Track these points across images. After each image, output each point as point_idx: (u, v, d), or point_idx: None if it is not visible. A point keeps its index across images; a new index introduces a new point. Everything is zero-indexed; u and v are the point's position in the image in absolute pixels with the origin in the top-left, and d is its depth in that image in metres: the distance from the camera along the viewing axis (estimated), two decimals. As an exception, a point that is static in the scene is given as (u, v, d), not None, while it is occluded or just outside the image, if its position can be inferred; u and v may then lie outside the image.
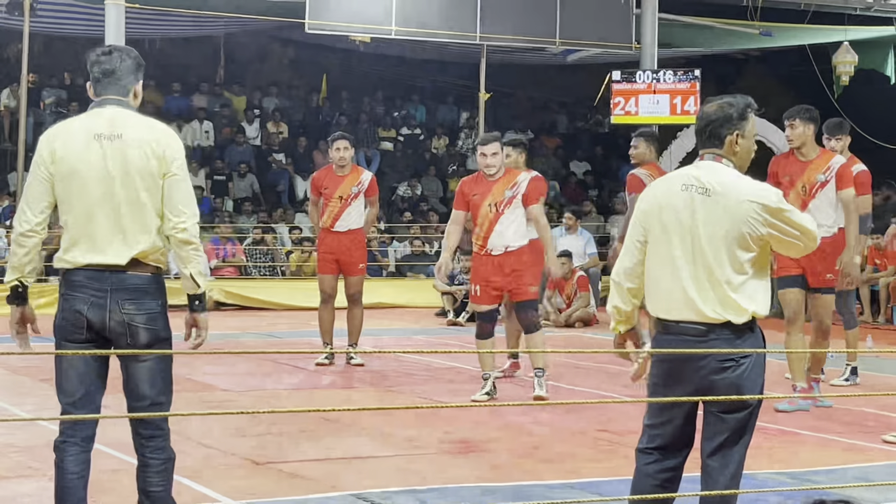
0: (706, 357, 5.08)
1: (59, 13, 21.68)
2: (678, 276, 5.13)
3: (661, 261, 5.20)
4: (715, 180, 5.13)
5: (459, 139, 27.80)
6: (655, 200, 5.26)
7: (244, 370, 12.16)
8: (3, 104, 24.50)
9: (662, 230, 5.19)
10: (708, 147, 5.26)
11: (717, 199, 5.09)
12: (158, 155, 5.27)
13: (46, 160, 5.32)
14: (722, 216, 5.07)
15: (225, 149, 25.03)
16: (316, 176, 12.86)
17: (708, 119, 5.26)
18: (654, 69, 22.26)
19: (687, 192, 5.15)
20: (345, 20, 20.52)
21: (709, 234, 5.08)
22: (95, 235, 5.26)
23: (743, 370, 5.12)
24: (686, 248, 5.12)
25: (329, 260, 12.52)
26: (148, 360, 5.33)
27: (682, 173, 5.27)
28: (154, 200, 5.29)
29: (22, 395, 10.06)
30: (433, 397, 10.60)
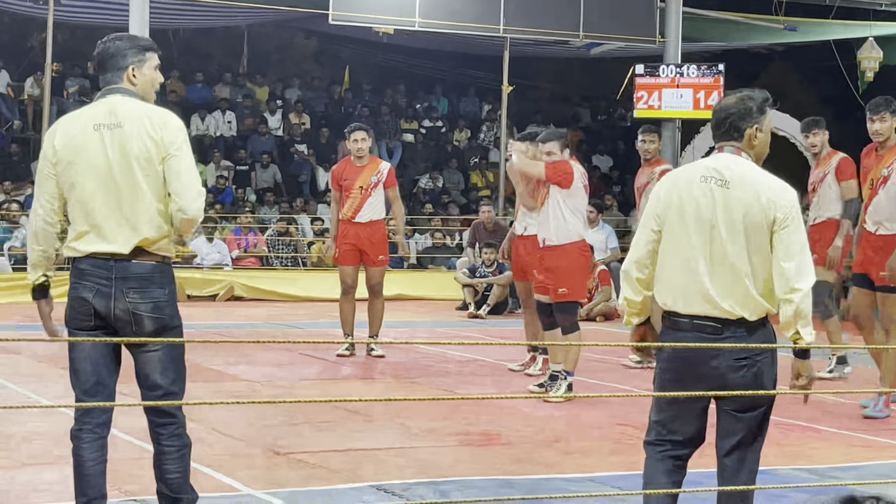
0: (721, 354, 5.02)
1: (84, 2, 21.75)
2: (695, 270, 5.06)
3: (676, 253, 5.13)
4: (735, 173, 5.09)
5: (481, 132, 27.78)
6: (674, 192, 5.19)
7: (266, 360, 12.18)
8: (27, 93, 24.58)
9: (680, 222, 5.12)
10: (726, 140, 5.22)
11: (737, 191, 5.04)
12: (156, 139, 5.25)
13: (49, 154, 5.36)
14: (741, 209, 5.01)
15: (247, 139, 25.07)
16: (335, 169, 12.90)
17: (728, 112, 5.22)
18: (678, 63, 22.20)
19: (706, 184, 5.09)
20: (368, 12, 20.51)
21: (728, 226, 5.02)
22: (99, 225, 5.27)
23: (759, 368, 5.08)
24: (704, 240, 5.06)
25: (350, 251, 12.51)
26: (157, 350, 5.32)
27: (701, 165, 5.22)
28: (155, 187, 5.27)
29: (45, 382, 10.11)
30: (454, 389, 10.59)
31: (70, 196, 5.33)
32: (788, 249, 4.97)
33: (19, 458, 7.45)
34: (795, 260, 4.96)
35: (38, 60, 24.36)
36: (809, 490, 6.93)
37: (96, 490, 5.39)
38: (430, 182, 25.57)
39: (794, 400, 10.03)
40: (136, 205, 5.26)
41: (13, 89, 24.91)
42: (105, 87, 5.44)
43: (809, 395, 5.37)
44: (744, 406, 5.12)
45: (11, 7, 23.19)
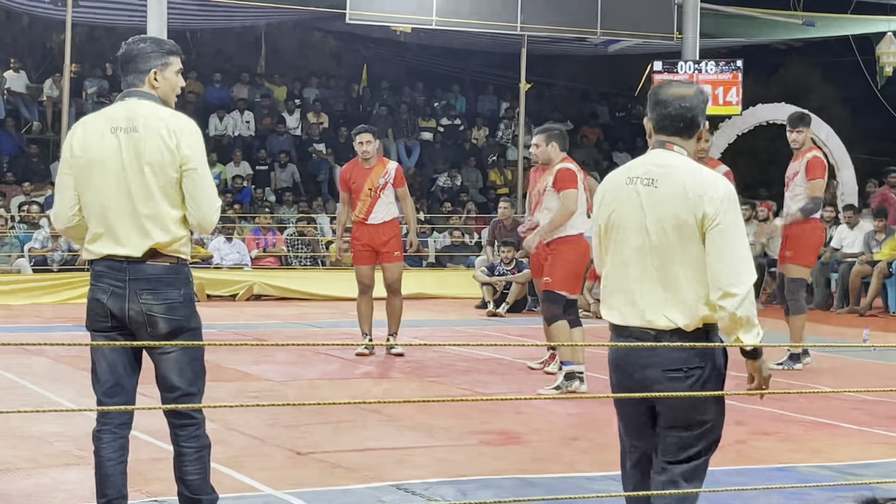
0: (652, 365, 4.62)
1: (102, 3, 21.82)
2: (626, 278, 4.68)
3: (612, 263, 4.76)
4: (664, 169, 4.67)
5: (499, 130, 27.78)
6: (605, 199, 4.82)
7: (285, 360, 12.20)
8: (46, 94, 24.66)
9: (611, 230, 4.75)
10: (676, 135, 4.77)
11: (664, 188, 4.61)
12: (171, 147, 5.25)
13: (66, 155, 5.40)
14: (669, 208, 4.58)
15: (266, 139, 25.11)
16: (343, 171, 13.02)
17: (689, 106, 4.75)
18: (696, 60, 22.17)
19: (632, 186, 4.70)
20: (385, 10, 20.55)
21: (657, 229, 4.59)
22: (113, 227, 5.29)
23: (693, 382, 4.61)
24: (635, 247, 4.65)
25: (365, 251, 12.58)
26: (174, 352, 5.33)
27: (628, 166, 4.84)
28: (169, 192, 5.28)
29: (65, 384, 10.14)
30: (473, 388, 10.60)
31: (85, 198, 5.35)
32: (721, 251, 4.51)
33: (41, 459, 7.47)
34: (728, 261, 4.51)
35: (56, 62, 24.46)
36: (829, 489, 6.91)
37: (117, 490, 5.41)
38: (449, 180, 25.58)
39: (816, 397, 10.04)
40: (148, 209, 5.27)
41: (32, 90, 24.99)
42: (126, 90, 5.45)
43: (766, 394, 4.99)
44: (674, 422, 4.68)
45: (30, 8, 23.28)
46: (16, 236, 18.95)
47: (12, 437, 8.04)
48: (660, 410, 4.68)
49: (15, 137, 23.64)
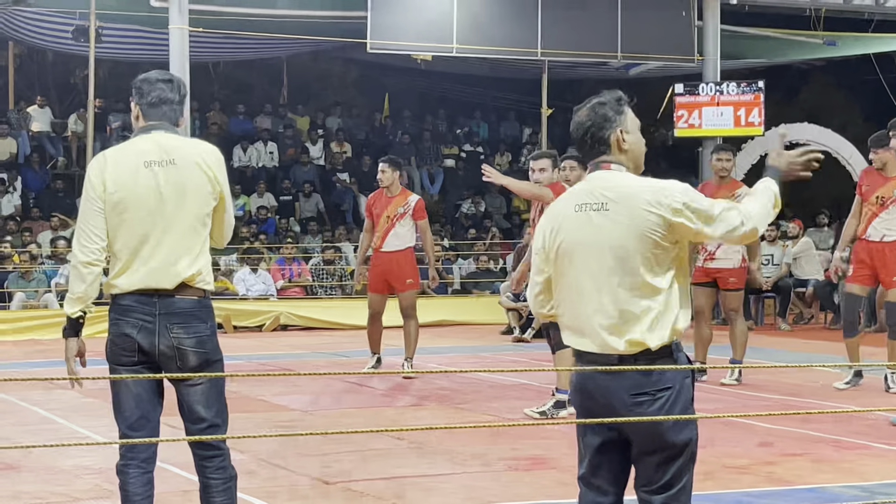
0: (617, 391, 4.46)
1: (124, 39, 21.96)
2: (585, 306, 4.51)
3: (567, 290, 4.59)
4: (610, 191, 4.50)
5: (522, 155, 27.80)
6: (553, 228, 4.63)
7: (313, 390, 12.22)
8: (71, 129, 24.82)
9: (565, 259, 4.57)
10: (595, 156, 4.61)
11: (616, 210, 4.45)
12: (210, 176, 5.32)
13: (98, 189, 5.35)
14: (625, 228, 4.42)
15: (289, 169, 25.20)
16: (369, 199, 13.48)
17: (583, 126, 4.62)
18: (718, 81, 22.17)
19: (583, 213, 4.52)
20: (406, 39, 20.63)
21: (616, 252, 4.44)
22: (147, 261, 5.30)
23: (661, 405, 4.44)
24: (592, 273, 4.49)
25: (378, 279, 13.05)
26: (201, 384, 5.35)
27: (574, 192, 4.65)
28: (205, 222, 5.34)
29: (94, 417, 10.17)
30: (500, 415, 10.58)
31: (117, 232, 5.35)
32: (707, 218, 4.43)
33: (72, 493, 7.50)
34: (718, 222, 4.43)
35: (80, 97, 24.64)
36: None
37: (144, 523, 5.42)
38: (473, 207, 25.61)
39: (846, 417, 9.98)
40: (186, 242, 5.30)
41: (56, 126, 25.16)
42: (148, 123, 5.47)
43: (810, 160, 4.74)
44: (648, 447, 4.52)
45: (54, 45, 23.45)
46: (43, 272, 19.05)
47: (43, 472, 8.07)
48: (631, 437, 4.53)
49: (41, 173, 23.79)
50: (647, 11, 21.77)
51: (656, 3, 21.97)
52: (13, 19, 21.85)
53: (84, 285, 5.37)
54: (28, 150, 24.06)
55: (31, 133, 24.62)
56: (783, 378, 12.65)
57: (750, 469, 8.11)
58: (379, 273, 12.97)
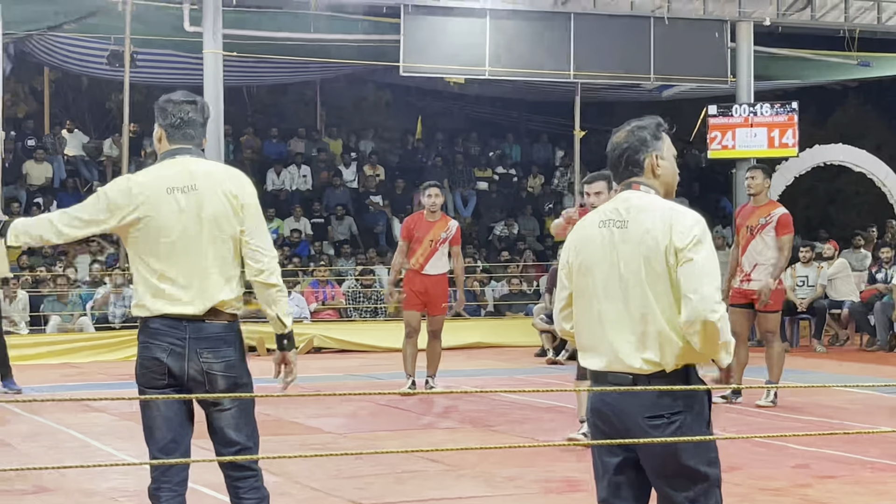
0: (630, 413, 4.46)
1: (159, 64, 22.12)
2: (603, 323, 4.55)
3: (585, 307, 4.63)
4: (633, 209, 4.57)
5: (555, 177, 27.81)
6: (576, 244, 4.72)
7: (346, 412, 12.22)
8: (106, 154, 24.98)
9: (585, 275, 4.62)
10: (626, 176, 4.69)
11: (635, 228, 4.52)
12: (233, 204, 5.33)
13: (111, 207, 5.35)
14: (642, 247, 4.48)
15: (323, 192, 25.26)
16: (408, 220, 13.60)
17: (620, 147, 4.70)
18: (751, 102, 22.11)
19: (605, 229, 4.59)
20: (439, 62, 20.68)
21: (632, 270, 4.48)
22: (175, 286, 5.31)
23: (676, 428, 4.43)
24: (610, 290, 4.53)
25: (416, 298, 13.28)
26: (231, 408, 5.37)
27: (600, 210, 4.71)
28: (231, 248, 5.35)
29: (128, 440, 10.20)
30: (535, 436, 10.56)
31: (141, 257, 5.36)
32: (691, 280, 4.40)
33: (106, 515, 7.52)
34: (701, 291, 4.36)
35: (115, 122, 24.79)
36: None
37: (176, 547, 5.42)
38: (506, 229, 25.61)
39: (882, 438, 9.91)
40: (212, 266, 5.31)
41: (91, 150, 25.32)
42: (174, 147, 5.47)
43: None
44: (663, 472, 4.50)
45: (89, 70, 23.63)
46: (79, 295, 19.15)
47: (78, 494, 8.10)
48: (644, 462, 4.53)
49: (76, 198, 23.94)
50: (680, 33, 21.75)
51: (689, 25, 21.95)
52: (49, 45, 22.04)
53: (29, 240, 5.46)
54: (63, 175, 24.21)
55: (66, 157, 24.78)
56: (819, 399, 12.58)
57: (785, 491, 8.07)
58: (417, 292, 13.23)
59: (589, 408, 4.65)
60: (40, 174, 23.91)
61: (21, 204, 22.51)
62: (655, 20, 21.62)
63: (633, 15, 21.78)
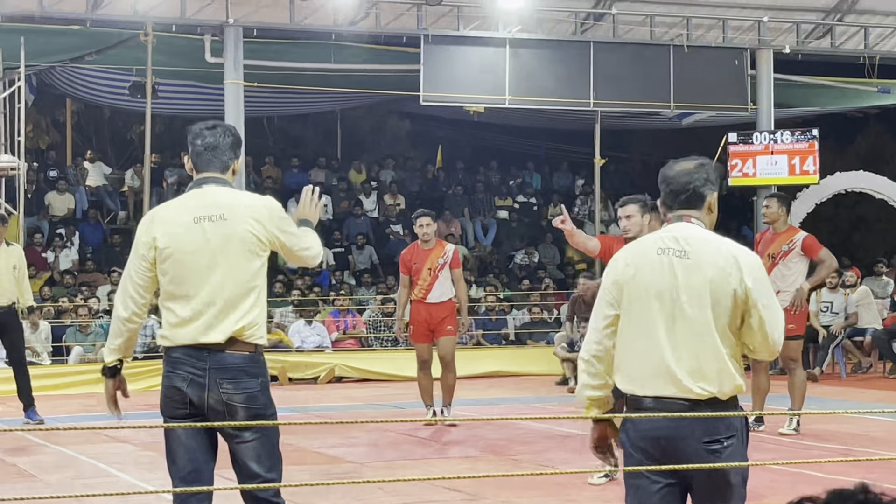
0: (688, 437, 4.59)
1: (180, 94, 22.25)
2: (659, 349, 4.65)
3: (638, 334, 4.71)
4: (693, 241, 4.73)
5: (575, 205, 27.79)
6: (629, 269, 4.78)
7: (368, 441, 12.21)
8: (128, 184, 25.09)
9: (639, 300, 4.72)
10: (684, 208, 4.84)
11: (698, 260, 4.67)
12: (261, 231, 5.37)
13: (147, 244, 5.41)
14: (705, 279, 4.63)
15: (343, 222, 25.31)
16: (404, 253, 13.63)
17: (690, 178, 4.83)
18: (771, 130, 22.09)
19: (664, 256, 4.71)
20: (459, 91, 20.74)
21: (693, 300, 4.63)
22: (197, 316, 5.33)
23: (730, 451, 4.61)
24: (667, 317, 4.66)
25: (423, 329, 13.27)
26: (253, 440, 5.36)
27: (655, 237, 4.83)
28: (255, 277, 5.36)
29: (151, 469, 10.21)
30: (556, 465, 10.53)
31: (167, 287, 5.39)
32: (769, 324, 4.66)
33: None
34: (774, 335, 4.67)
35: (137, 152, 24.91)
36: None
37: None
38: (526, 257, 25.60)
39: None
40: (236, 296, 5.33)
41: (113, 181, 25.43)
42: (201, 176, 5.51)
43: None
44: (714, 495, 4.67)
45: (111, 101, 23.76)
46: (100, 325, 19.19)
47: (100, 524, 8.10)
48: (697, 483, 4.66)
49: (98, 228, 24.03)
50: (700, 61, 21.76)
51: (709, 53, 21.96)
52: (71, 76, 22.17)
53: (121, 339, 5.47)
54: (85, 206, 24.32)
55: (88, 188, 24.89)
56: (842, 427, 12.52)
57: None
58: (423, 322, 13.22)
59: (636, 434, 4.69)
60: (62, 205, 24.01)
61: (44, 235, 22.62)
62: (675, 48, 21.65)
63: (652, 43, 21.81)
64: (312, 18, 20.49)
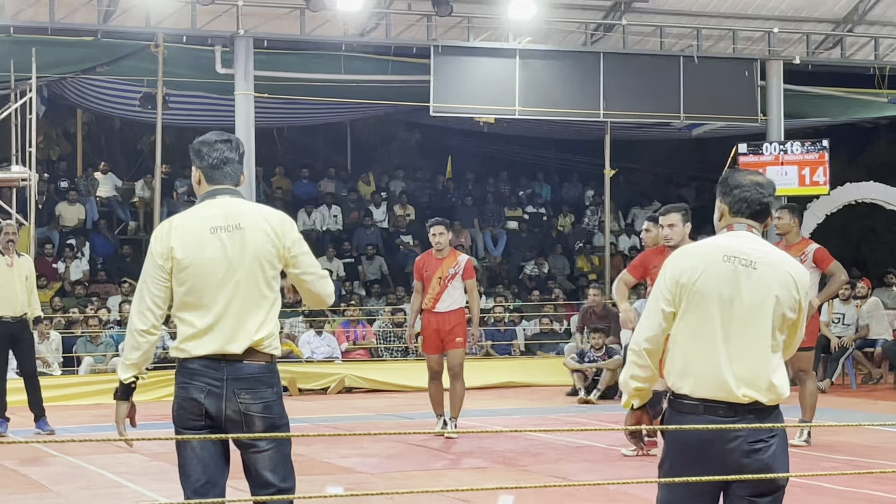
0: (736, 438, 4.80)
1: (191, 105, 22.30)
2: (715, 353, 4.85)
3: (694, 335, 4.89)
4: (759, 253, 4.94)
5: (585, 216, 27.80)
6: (693, 272, 4.92)
7: (378, 452, 12.21)
8: (138, 195, 25.13)
9: (700, 304, 4.88)
10: (753, 219, 5.05)
11: (764, 271, 4.89)
12: (276, 242, 5.37)
13: (163, 256, 5.39)
14: (769, 290, 4.87)
15: (353, 232, 25.33)
16: (417, 261, 13.56)
17: (767, 192, 5.10)
18: (781, 140, 22.09)
19: (730, 264, 4.89)
20: (469, 102, 20.77)
21: (756, 309, 4.85)
22: (215, 326, 5.33)
23: (774, 450, 4.84)
24: (727, 323, 4.85)
25: (433, 340, 13.18)
26: (268, 449, 5.36)
27: (720, 245, 4.99)
28: (272, 287, 5.38)
29: (161, 480, 10.22)
30: (567, 476, 10.53)
31: (184, 298, 5.39)
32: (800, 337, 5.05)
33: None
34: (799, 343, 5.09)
35: (147, 163, 24.95)
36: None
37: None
38: (536, 268, 25.59)
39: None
40: (253, 307, 5.34)
41: (123, 192, 25.48)
42: (214, 188, 5.51)
43: None
44: (759, 490, 4.86)
45: (121, 112, 23.81)
46: (111, 336, 19.22)
47: (110, 535, 8.11)
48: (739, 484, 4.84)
49: (108, 239, 24.07)
50: (710, 72, 21.78)
51: (719, 63, 21.98)
52: (82, 87, 22.22)
53: (139, 353, 5.45)
54: (96, 216, 24.35)
55: (99, 199, 24.93)
56: (853, 438, 12.50)
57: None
58: (433, 332, 13.13)
59: (679, 434, 4.87)
60: (73, 216, 24.05)
61: (54, 245, 22.67)
62: (685, 59, 21.67)
63: (662, 54, 21.84)
64: (323, 29, 20.54)
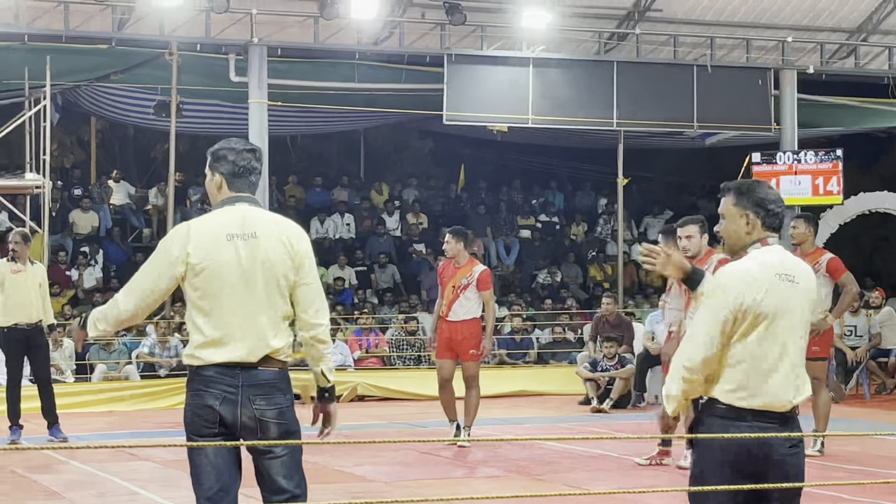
0: (778, 445, 5.03)
1: (204, 113, 22.32)
2: (775, 368, 5.07)
3: (757, 352, 5.05)
4: (797, 268, 5.24)
5: (598, 225, 27.78)
6: (758, 293, 5.05)
7: (391, 460, 12.21)
8: (152, 203, 25.16)
9: (762, 321, 5.05)
10: (777, 232, 5.30)
11: (804, 285, 5.20)
12: (291, 253, 5.38)
13: (180, 259, 5.39)
14: (805, 302, 5.19)
15: (366, 240, 25.33)
16: (439, 267, 13.73)
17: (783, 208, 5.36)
18: (795, 150, 22.06)
19: (784, 283, 5.12)
20: (482, 111, 20.78)
21: (801, 323, 5.17)
22: (230, 334, 5.33)
23: (801, 451, 5.15)
24: (785, 338, 5.10)
25: (445, 346, 13.20)
26: (282, 455, 5.37)
27: (768, 262, 5.16)
28: (285, 296, 5.39)
29: (174, 487, 10.22)
30: (580, 485, 10.51)
31: (198, 303, 5.39)
32: None
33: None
34: None
35: (160, 171, 24.99)
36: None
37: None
38: (549, 277, 25.57)
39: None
40: (268, 315, 5.34)
41: (136, 199, 25.52)
42: (234, 195, 5.52)
43: None
44: (790, 493, 5.10)
45: (135, 120, 23.86)
46: (123, 343, 19.24)
47: (123, 542, 8.12)
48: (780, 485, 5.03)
49: (122, 247, 24.11)
50: (724, 81, 21.78)
51: (732, 73, 21.97)
52: (96, 95, 22.28)
53: (107, 325, 5.53)
54: (109, 224, 24.39)
55: (113, 207, 24.97)
56: (866, 448, 12.47)
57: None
58: (445, 340, 13.15)
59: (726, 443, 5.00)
60: (86, 223, 24.09)
61: (67, 253, 22.70)
62: (698, 68, 21.67)
63: (676, 63, 21.83)
64: (336, 38, 20.57)
